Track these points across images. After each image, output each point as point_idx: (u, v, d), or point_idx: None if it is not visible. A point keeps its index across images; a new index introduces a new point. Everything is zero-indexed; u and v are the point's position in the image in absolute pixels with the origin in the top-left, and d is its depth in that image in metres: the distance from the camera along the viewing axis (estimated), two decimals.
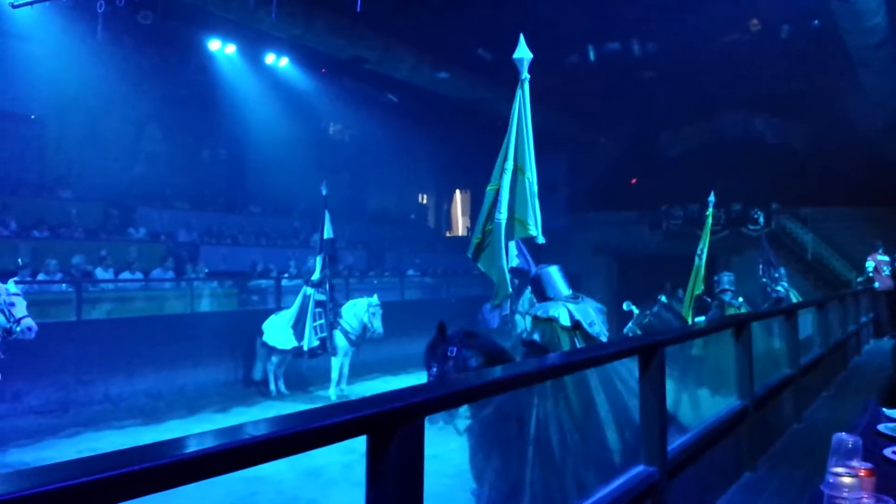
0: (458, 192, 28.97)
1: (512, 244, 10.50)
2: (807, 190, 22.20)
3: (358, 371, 13.33)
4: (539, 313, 4.73)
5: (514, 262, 9.55)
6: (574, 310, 4.68)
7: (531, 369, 3.01)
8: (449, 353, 4.46)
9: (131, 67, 16.21)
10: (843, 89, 19.95)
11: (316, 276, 12.34)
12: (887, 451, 2.55)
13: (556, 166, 27.04)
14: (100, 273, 13.01)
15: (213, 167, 20.55)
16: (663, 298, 10.60)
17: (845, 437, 1.95)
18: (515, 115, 5.24)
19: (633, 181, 26.22)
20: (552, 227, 22.14)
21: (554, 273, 5.02)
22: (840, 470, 1.87)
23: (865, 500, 1.73)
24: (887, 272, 14.68)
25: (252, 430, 1.62)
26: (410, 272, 20.15)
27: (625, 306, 10.15)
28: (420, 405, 2.00)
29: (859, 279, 16.37)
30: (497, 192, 5.27)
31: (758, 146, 23.73)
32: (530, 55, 5.31)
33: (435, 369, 4.51)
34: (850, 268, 21.35)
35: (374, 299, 12.52)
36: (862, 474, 1.86)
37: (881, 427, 2.87)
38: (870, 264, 14.89)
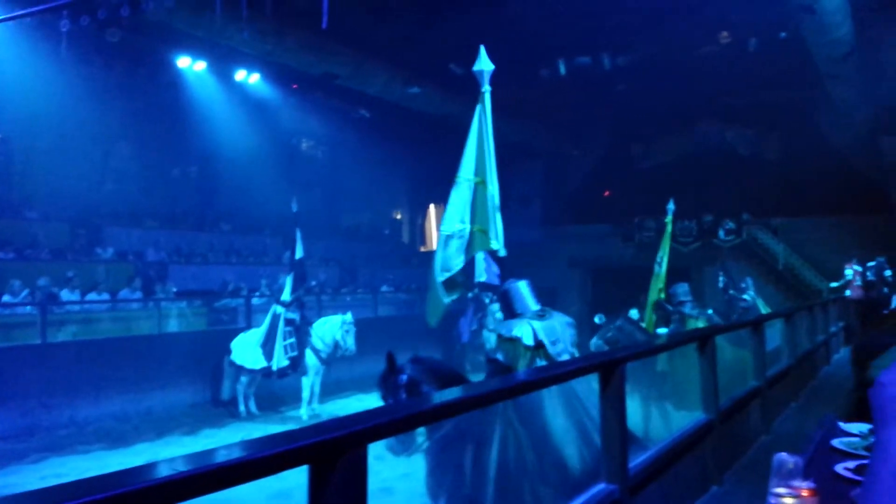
0: (432, 206, 28.96)
1: (480, 258, 10.48)
2: (778, 200, 22.48)
3: (331, 389, 13.23)
4: (503, 332, 4.70)
5: (483, 276, 9.55)
6: (539, 328, 4.63)
7: (478, 392, 2.98)
8: (400, 382, 4.40)
9: (99, 85, 16.05)
10: (813, 101, 20.24)
11: (286, 297, 12.23)
12: (839, 468, 2.54)
13: (530, 179, 27.20)
14: (66, 294, 12.83)
15: (183, 185, 20.41)
16: (634, 312, 10.63)
17: (786, 458, 1.94)
18: (476, 127, 5.21)
19: (607, 194, 26.40)
20: (527, 240, 22.34)
21: (522, 288, 4.98)
22: (781, 490, 1.85)
23: None
24: (860, 282, 14.90)
25: (186, 464, 1.59)
26: (384, 288, 20.08)
27: (597, 319, 10.15)
28: (363, 433, 1.96)
29: (833, 285, 16.59)
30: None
31: (729, 158, 23.98)
32: (491, 66, 5.28)
33: (390, 401, 4.45)
34: (821, 278, 21.60)
35: (348, 317, 12.43)
36: (804, 494, 1.85)
37: (835, 442, 2.87)
38: (848, 272, 15.12)
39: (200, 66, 17.49)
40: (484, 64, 5.29)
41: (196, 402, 12.58)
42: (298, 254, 12.29)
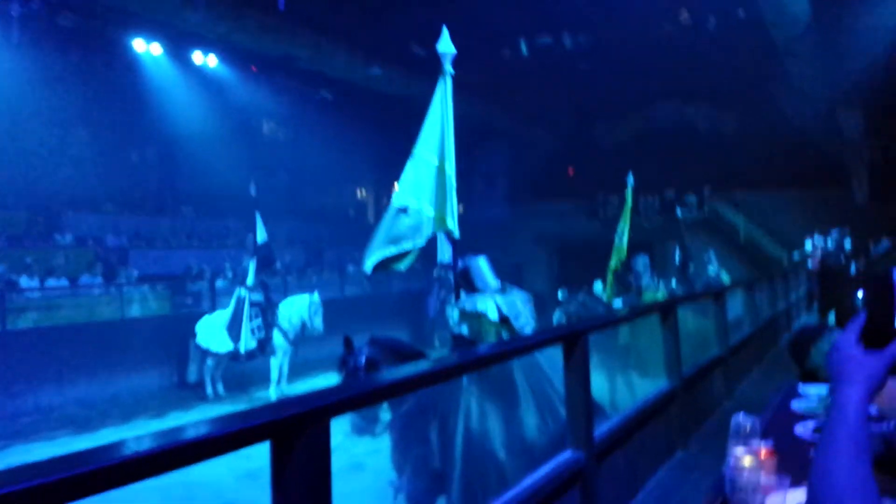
0: (396, 184, 28.81)
1: (441, 238, 10.44)
2: (738, 175, 22.80)
3: (298, 370, 13.17)
4: (466, 307, 4.71)
5: (446, 255, 9.56)
6: (501, 303, 4.66)
7: (441, 366, 2.99)
8: (359, 364, 4.40)
9: (53, 70, 15.71)
10: (772, 77, 20.47)
11: (250, 281, 12.12)
12: (798, 429, 2.60)
13: (495, 158, 27.26)
14: (25, 281, 12.60)
15: (143, 169, 20.05)
16: (598, 286, 10.73)
17: (743, 419, 1.97)
18: (438, 108, 5.15)
19: (571, 171, 26.54)
20: (493, 217, 22.42)
21: (482, 264, 4.99)
22: (740, 451, 1.89)
23: (764, 480, 1.75)
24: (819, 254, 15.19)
25: (150, 441, 1.59)
26: (350, 268, 20.01)
27: (559, 294, 10.25)
28: (324, 409, 1.97)
29: (795, 257, 16.89)
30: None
31: (690, 134, 24.25)
32: (453, 50, 5.23)
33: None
34: (782, 248, 22.01)
35: (315, 297, 12.35)
36: (762, 455, 1.89)
37: (793, 405, 2.93)
38: (809, 244, 15.42)
39: (157, 49, 17.17)
40: (446, 46, 5.23)
41: (162, 386, 12.46)
42: (260, 238, 12.16)
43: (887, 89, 16.49)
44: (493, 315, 4.61)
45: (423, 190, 5.06)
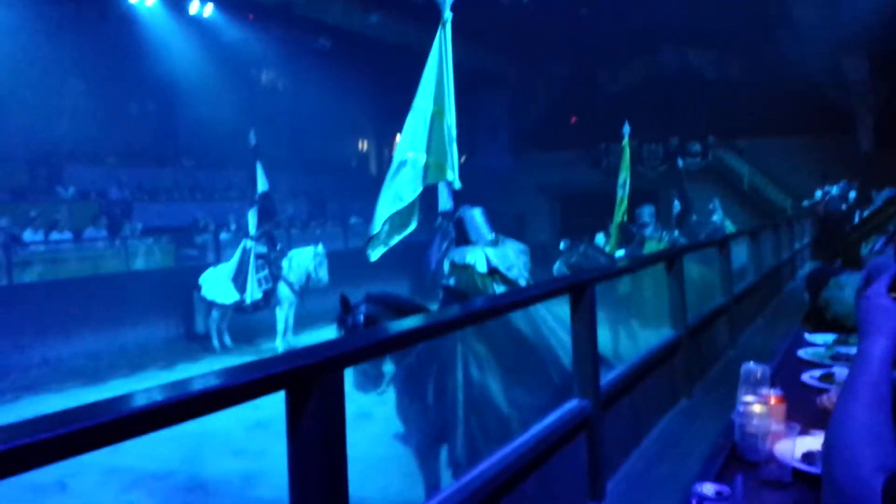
0: (398, 136, 28.59)
1: (442, 187, 10.37)
2: (743, 122, 22.58)
3: (304, 321, 13.25)
4: (456, 259, 4.70)
5: (448, 205, 9.55)
6: (492, 254, 4.63)
7: (449, 317, 3.01)
8: (357, 323, 4.40)
9: (47, 22, 15.47)
10: (777, 21, 20.17)
11: (252, 231, 12.12)
12: (805, 377, 2.62)
13: (497, 107, 27.01)
14: (29, 235, 12.62)
15: (142, 121, 19.92)
16: (601, 237, 10.71)
17: (754, 367, 1.99)
18: (437, 56, 5.07)
19: (574, 120, 26.31)
20: (495, 168, 22.33)
21: (477, 216, 4.95)
22: (750, 398, 1.91)
23: (774, 427, 1.77)
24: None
25: (164, 393, 1.60)
26: (353, 220, 20.01)
27: (561, 245, 10.24)
28: (337, 358, 1.99)
29: (805, 203, 16.86)
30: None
31: (694, 80, 23.96)
32: None
33: None
34: (786, 196, 21.94)
35: (320, 248, 12.37)
36: (771, 402, 1.91)
37: (801, 353, 2.95)
38: (818, 193, 15.39)
39: (150, 0, 16.95)
40: None
41: (170, 338, 12.54)
42: (261, 187, 12.11)
43: (892, 33, 16.25)
44: (482, 267, 4.59)
45: (419, 137, 5.00)
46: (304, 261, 12.20)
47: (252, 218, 12.08)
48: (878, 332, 1.08)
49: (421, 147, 4.98)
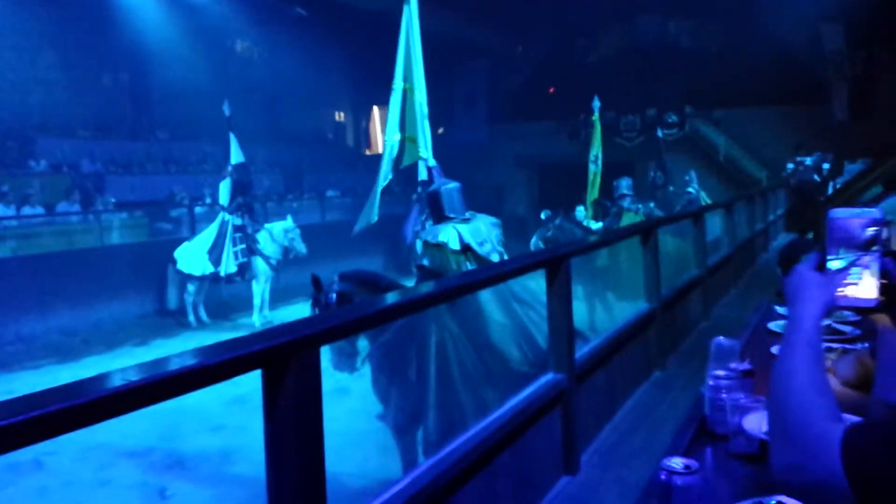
0: (375, 108, 28.43)
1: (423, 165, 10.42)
2: (719, 92, 22.62)
3: (281, 296, 13.22)
4: (429, 238, 4.69)
5: (424, 175, 9.57)
6: (465, 231, 4.62)
7: (426, 292, 3.02)
8: (330, 301, 4.40)
9: None
10: None
11: (223, 201, 12.00)
12: (774, 349, 2.66)
13: (475, 78, 26.85)
14: (1, 210, 12.44)
15: (115, 92, 19.62)
16: (580, 210, 10.75)
17: (723, 341, 2.03)
18: (404, 33, 5.07)
19: (552, 90, 26.23)
20: (473, 139, 22.17)
21: (454, 192, 4.95)
22: (720, 373, 1.94)
23: (743, 401, 1.80)
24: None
25: (140, 373, 1.60)
26: (330, 193, 19.90)
27: (542, 215, 10.26)
28: (313, 336, 1.99)
29: (784, 174, 16.95)
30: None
31: (671, 50, 23.98)
32: None
33: None
34: (761, 167, 22.08)
35: (289, 222, 12.32)
36: (740, 375, 1.94)
37: (771, 325, 2.99)
38: (790, 165, 15.47)
39: None
40: None
41: (145, 314, 12.46)
42: (235, 159, 11.99)
43: (868, 2, 16.32)
44: (455, 244, 4.59)
45: (394, 117, 5.04)
46: (276, 236, 12.15)
47: (224, 190, 11.96)
48: (810, 301, 1.17)
49: (395, 126, 5.01)
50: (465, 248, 4.58)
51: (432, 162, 5.06)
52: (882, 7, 16.64)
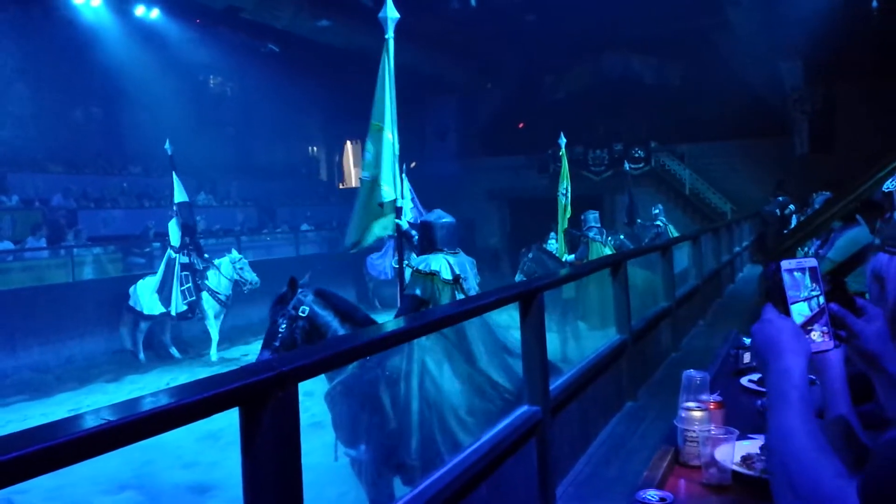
0: (348, 142, 28.56)
1: (407, 196, 10.59)
2: (683, 127, 23.15)
3: (257, 329, 13.17)
4: (421, 267, 4.76)
5: (409, 216, 9.70)
6: (454, 263, 4.74)
7: (411, 325, 3.05)
8: (301, 314, 4.39)
9: None
10: (715, 29, 20.68)
11: (175, 242, 11.95)
12: (744, 380, 2.72)
13: (445, 113, 27.13)
14: None
15: (88, 127, 19.53)
16: (553, 243, 10.89)
17: (694, 374, 2.08)
18: (382, 73, 5.18)
19: (521, 125, 26.56)
20: (444, 173, 22.31)
21: (450, 226, 5.03)
22: (691, 405, 2.00)
23: (713, 432, 1.85)
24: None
25: (115, 413, 1.60)
26: (304, 227, 19.89)
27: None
28: (291, 373, 2.00)
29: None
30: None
31: (636, 86, 24.41)
32: (397, 15, 5.23)
33: (283, 326, 4.38)
34: (725, 200, 22.48)
35: (235, 255, 12.42)
36: (711, 407, 2.00)
37: (743, 381, 3.05)
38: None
39: (96, 1, 16.65)
40: (389, 12, 5.24)
41: (117, 349, 12.33)
42: (178, 198, 11.98)
43: (828, 39, 16.76)
44: (447, 274, 4.68)
45: (368, 155, 5.14)
46: (225, 270, 12.13)
47: (173, 229, 11.92)
48: (794, 353, 1.17)
49: (370, 165, 5.12)
50: (456, 279, 4.65)
51: (400, 202, 5.17)
52: (839, 44, 17.11)
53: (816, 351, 1.23)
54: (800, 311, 1.24)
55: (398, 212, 5.37)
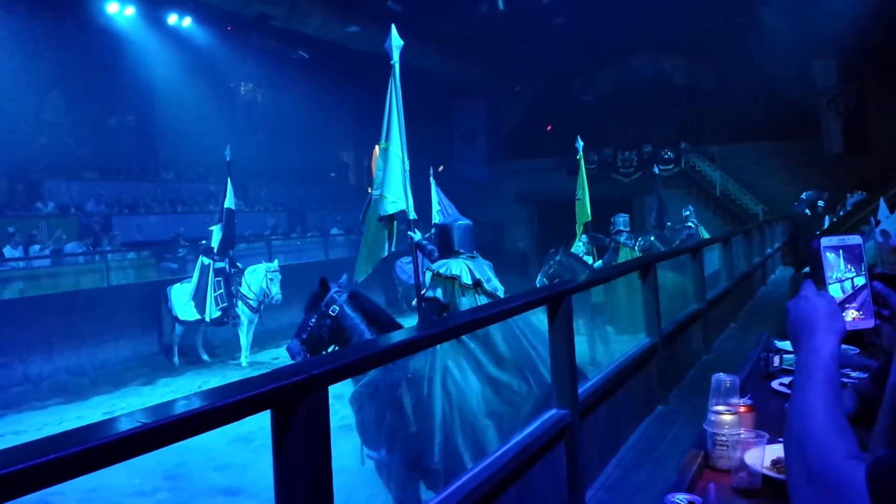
0: (377, 147, 28.60)
1: (435, 199, 10.65)
2: (714, 128, 22.90)
3: (286, 334, 13.26)
4: (442, 270, 4.77)
5: (437, 217, 9.73)
6: (473, 267, 4.74)
7: (438, 329, 3.06)
8: (331, 313, 4.45)
9: (25, 35, 15.45)
10: (746, 28, 20.46)
11: (215, 246, 12.00)
12: (775, 383, 2.69)
13: (474, 117, 27.13)
14: (8, 251, 12.53)
15: (122, 134, 19.83)
16: (579, 246, 10.83)
17: (724, 377, 2.06)
18: (389, 98, 5.36)
19: (549, 128, 26.46)
20: (473, 177, 22.38)
21: (466, 229, 5.06)
22: (720, 408, 1.98)
23: (744, 436, 1.84)
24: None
25: (148, 416, 1.61)
26: (334, 231, 20.01)
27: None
28: (322, 376, 2.02)
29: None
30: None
31: (666, 88, 24.21)
32: (400, 42, 5.41)
33: (314, 320, 4.48)
34: (757, 201, 22.22)
35: (273, 265, 12.36)
36: (741, 411, 1.98)
37: (774, 384, 3.02)
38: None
39: (129, 11, 16.91)
40: (395, 40, 5.42)
41: (151, 353, 12.52)
42: (229, 203, 12.05)
43: (860, 38, 16.51)
44: (467, 278, 4.69)
45: (377, 174, 5.29)
46: (258, 277, 12.17)
47: (217, 233, 11.98)
48: (827, 331, 1.15)
49: (377, 183, 5.25)
50: (476, 283, 4.66)
51: (412, 215, 5.28)
52: (873, 41, 16.83)
53: (854, 329, 1.22)
54: (839, 289, 1.23)
55: (410, 224, 5.46)
